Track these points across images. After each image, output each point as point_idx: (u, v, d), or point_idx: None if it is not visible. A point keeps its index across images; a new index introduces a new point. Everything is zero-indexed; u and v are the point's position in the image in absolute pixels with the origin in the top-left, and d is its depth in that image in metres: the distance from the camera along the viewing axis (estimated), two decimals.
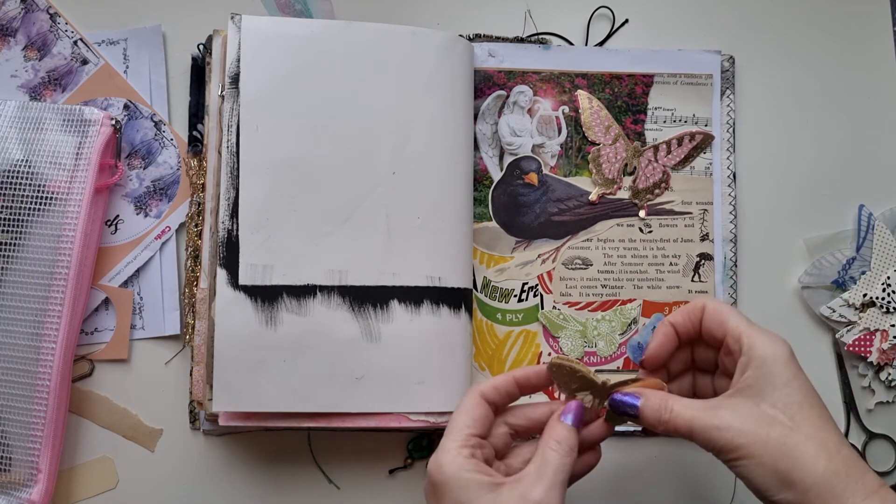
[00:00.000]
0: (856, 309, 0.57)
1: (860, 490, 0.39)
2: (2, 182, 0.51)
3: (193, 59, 0.57)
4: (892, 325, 0.56)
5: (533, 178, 0.57)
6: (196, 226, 0.54)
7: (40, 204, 0.51)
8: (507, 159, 0.57)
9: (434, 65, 0.54)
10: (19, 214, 0.51)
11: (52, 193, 0.52)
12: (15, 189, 0.51)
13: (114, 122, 0.54)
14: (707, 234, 0.58)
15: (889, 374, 0.57)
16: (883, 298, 0.56)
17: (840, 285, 0.57)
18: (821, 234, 0.58)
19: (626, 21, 0.60)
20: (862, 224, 0.58)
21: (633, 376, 0.46)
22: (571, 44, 0.59)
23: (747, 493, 0.42)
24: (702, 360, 0.48)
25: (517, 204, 0.57)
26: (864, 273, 0.57)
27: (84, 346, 0.55)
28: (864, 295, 0.56)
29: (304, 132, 0.52)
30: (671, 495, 0.56)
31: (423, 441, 0.55)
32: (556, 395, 0.54)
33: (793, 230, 0.59)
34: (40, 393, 0.51)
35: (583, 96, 0.58)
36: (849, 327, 0.57)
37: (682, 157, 0.58)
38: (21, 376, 0.51)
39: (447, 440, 0.42)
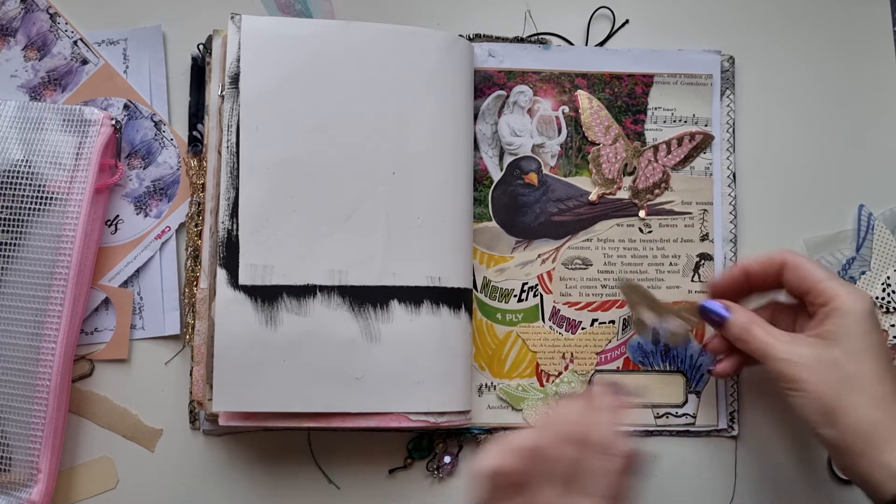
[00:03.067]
0: None
1: None
2: (2, 182, 0.51)
3: (193, 59, 0.57)
4: (892, 325, 0.56)
5: (533, 178, 0.57)
6: (196, 226, 0.54)
7: (40, 204, 0.51)
8: (507, 159, 0.57)
9: (434, 65, 0.54)
10: (19, 214, 0.51)
11: (52, 193, 0.52)
12: (15, 189, 0.51)
13: (114, 122, 0.54)
14: (707, 234, 0.58)
15: None
16: (883, 298, 0.56)
17: None
18: (821, 234, 0.58)
19: (627, 21, 0.60)
20: (862, 224, 0.58)
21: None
22: (571, 44, 0.59)
23: (747, 494, 0.42)
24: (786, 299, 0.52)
25: (517, 204, 0.57)
26: (864, 273, 0.57)
27: (84, 346, 0.55)
28: None
29: (304, 132, 0.52)
30: (671, 495, 0.56)
31: (423, 441, 0.55)
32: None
33: (793, 230, 0.59)
34: (40, 393, 0.51)
35: (583, 96, 0.58)
36: None
37: (682, 157, 0.58)
38: (21, 376, 0.51)
39: None
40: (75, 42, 0.57)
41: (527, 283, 0.57)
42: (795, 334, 0.47)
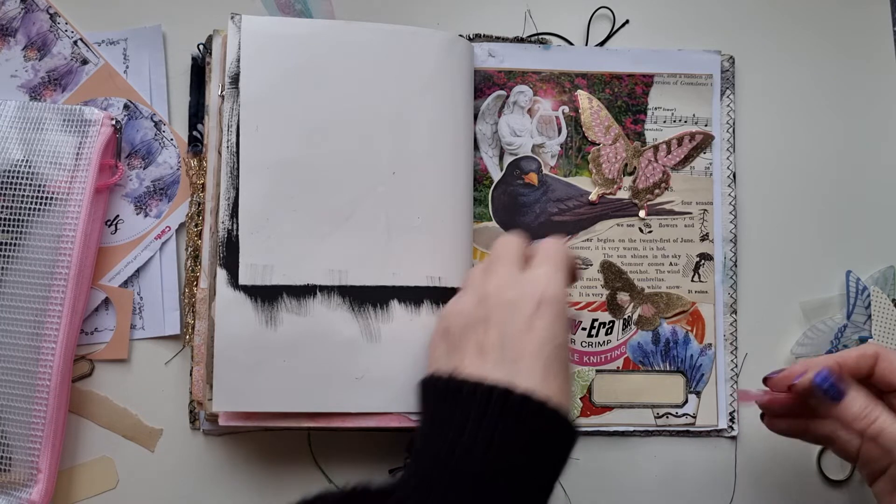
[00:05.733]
0: None
1: None
2: (2, 182, 0.51)
3: (193, 59, 0.57)
4: None
5: (533, 178, 0.57)
6: (196, 226, 0.54)
7: (40, 204, 0.51)
8: (507, 159, 0.57)
9: (434, 65, 0.54)
10: (19, 214, 0.51)
11: (52, 193, 0.52)
12: (15, 189, 0.51)
13: (114, 122, 0.54)
14: (707, 234, 0.58)
15: None
16: None
17: None
18: (815, 299, 0.58)
19: (627, 21, 0.60)
20: (850, 290, 0.57)
21: (680, 309, 0.56)
22: (571, 44, 0.59)
23: (747, 494, 0.42)
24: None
25: (517, 204, 0.57)
26: (863, 340, 0.56)
27: (84, 346, 0.55)
28: None
29: (304, 132, 0.52)
30: (671, 495, 0.56)
31: None
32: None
33: (793, 229, 0.59)
34: (40, 393, 0.51)
35: (583, 96, 0.58)
36: None
37: (682, 157, 0.58)
38: (21, 376, 0.51)
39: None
40: (75, 42, 0.57)
41: None
42: None
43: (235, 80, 0.52)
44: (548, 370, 0.39)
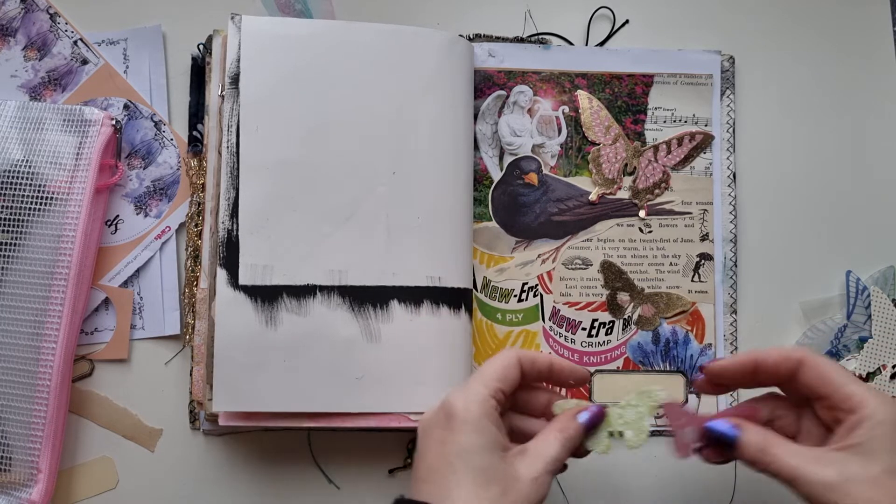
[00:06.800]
0: (863, 379, 0.56)
1: None
2: (2, 182, 0.51)
3: (193, 59, 0.57)
4: None
5: (533, 178, 0.57)
6: (196, 226, 0.54)
7: (40, 204, 0.51)
8: (507, 159, 0.57)
9: (434, 65, 0.54)
10: (19, 214, 0.51)
11: (53, 193, 0.52)
12: (15, 189, 0.51)
13: (114, 122, 0.54)
14: (707, 234, 0.58)
15: None
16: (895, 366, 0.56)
17: (834, 355, 0.57)
18: (815, 299, 0.58)
19: (627, 21, 0.60)
20: (850, 290, 0.57)
21: (680, 309, 0.56)
22: (571, 44, 0.59)
23: (747, 494, 0.42)
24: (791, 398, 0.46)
25: (517, 204, 0.57)
26: (864, 340, 0.56)
27: (84, 346, 0.55)
28: (883, 366, 0.56)
29: (304, 132, 0.52)
30: (671, 495, 0.56)
31: None
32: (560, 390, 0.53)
33: (793, 229, 0.59)
34: (40, 393, 0.51)
35: (583, 96, 0.58)
36: None
37: (682, 157, 0.58)
38: (21, 376, 0.51)
39: (477, 383, 0.42)
40: (75, 42, 0.57)
41: (527, 284, 0.57)
42: (821, 450, 0.41)
43: (235, 80, 0.52)
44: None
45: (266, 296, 0.51)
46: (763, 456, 0.41)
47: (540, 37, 0.59)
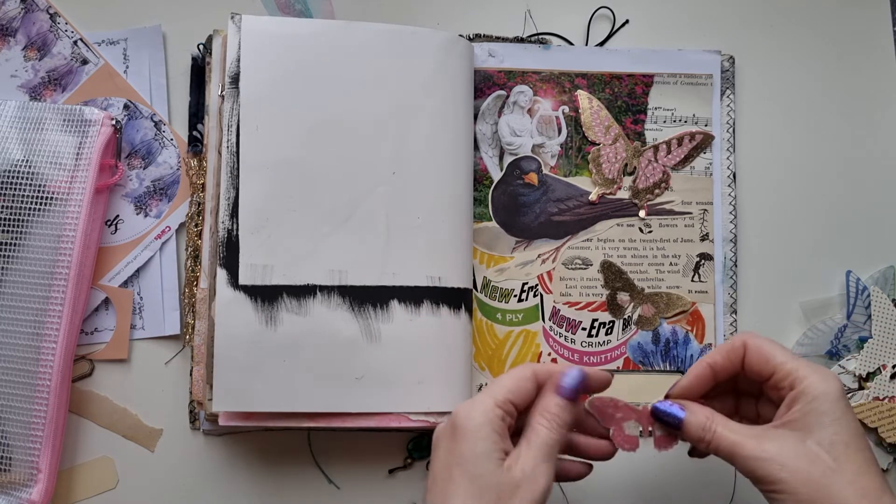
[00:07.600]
0: (862, 379, 0.56)
1: None
2: (2, 182, 0.51)
3: (193, 59, 0.57)
4: None
5: (533, 178, 0.57)
6: (196, 226, 0.54)
7: (40, 204, 0.51)
8: (507, 159, 0.57)
9: (434, 65, 0.54)
10: (19, 214, 0.51)
11: (53, 193, 0.52)
12: (15, 189, 0.51)
13: (114, 122, 0.54)
14: (707, 234, 0.58)
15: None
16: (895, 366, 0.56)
17: (834, 355, 0.57)
18: (815, 299, 0.58)
19: (627, 21, 0.60)
20: (850, 290, 0.57)
21: (680, 309, 0.56)
22: (571, 44, 0.59)
23: (747, 494, 0.42)
24: (744, 387, 0.48)
25: (517, 204, 0.57)
26: (863, 340, 0.56)
27: (84, 346, 0.55)
28: (882, 366, 0.56)
29: (304, 132, 0.52)
30: (671, 495, 0.56)
31: (423, 441, 0.55)
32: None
33: (793, 229, 0.59)
34: (40, 393, 0.51)
35: (583, 96, 0.58)
36: (850, 394, 0.56)
37: (682, 157, 0.58)
38: (21, 376, 0.51)
39: (484, 394, 0.43)
40: (75, 42, 0.57)
41: (527, 283, 0.57)
42: (761, 427, 0.43)
43: (235, 79, 0.52)
44: None
45: (266, 296, 0.51)
46: (705, 434, 0.43)
47: (540, 37, 0.59)
